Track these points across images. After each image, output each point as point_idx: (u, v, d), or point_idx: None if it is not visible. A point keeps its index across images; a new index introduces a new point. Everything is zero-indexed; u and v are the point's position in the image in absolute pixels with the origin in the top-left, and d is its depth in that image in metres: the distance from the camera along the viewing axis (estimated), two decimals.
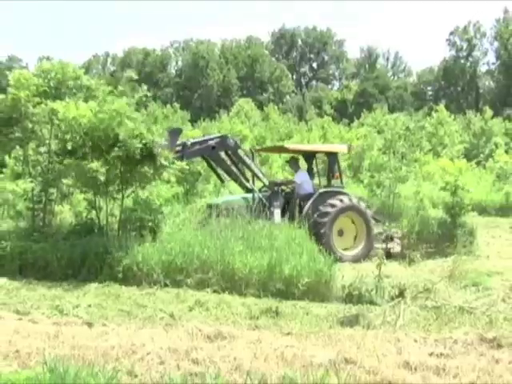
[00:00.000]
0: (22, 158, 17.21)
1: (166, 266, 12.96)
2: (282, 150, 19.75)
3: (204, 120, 73.58)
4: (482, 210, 24.31)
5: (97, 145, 14.32)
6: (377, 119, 56.64)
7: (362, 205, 16.83)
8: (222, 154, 16.68)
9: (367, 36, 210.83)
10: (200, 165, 17.84)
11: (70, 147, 14.63)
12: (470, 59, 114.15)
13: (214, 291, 12.12)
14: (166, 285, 12.63)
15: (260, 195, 16.34)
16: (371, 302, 11.06)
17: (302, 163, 18.68)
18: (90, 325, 9.41)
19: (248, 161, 16.74)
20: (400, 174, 25.51)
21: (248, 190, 16.79)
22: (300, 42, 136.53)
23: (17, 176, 18.29)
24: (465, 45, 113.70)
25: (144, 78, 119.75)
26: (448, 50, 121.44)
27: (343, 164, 43.86)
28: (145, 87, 16.12)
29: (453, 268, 12.97)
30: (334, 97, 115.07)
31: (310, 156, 18.43)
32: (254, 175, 16.99)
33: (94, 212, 15.50)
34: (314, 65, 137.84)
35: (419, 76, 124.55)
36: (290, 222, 15.34)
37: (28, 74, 16.59)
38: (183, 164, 14.88)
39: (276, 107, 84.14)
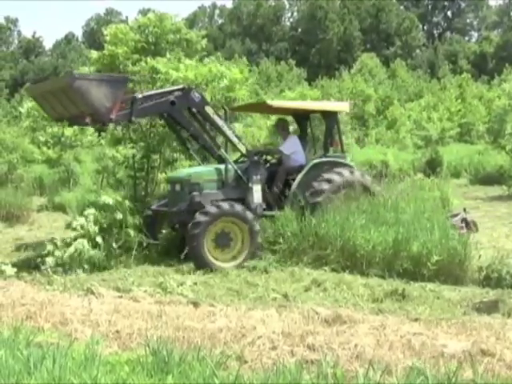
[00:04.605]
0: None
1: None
2: (263, 108, 17.86)
3: (322, 78, 73.38)
4: None
5: None
6: None
7: (367, 179, 15.13)
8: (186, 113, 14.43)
9: None
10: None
11: None
12: None
13: (333, 270, 12.16)
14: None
15: (235, 166, 14.24)
16: None
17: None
18: (195, 304, 9.57)
19: (219, 122, 14.28)
20: None
21: (221, 160, 14.63)
22: None
23: (117, 141, 18.45)
24: None
25: (255, 32, 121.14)
26: None
27: (482, 128, 43.05)
28: None
29: None
30: (472, 50, 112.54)
31: (303, 118, 16.26)
32: (228, 140, 14.68)
33: None
34: (449, 13, 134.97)
35: None
36: (277, 202, 14.29)
37: (125, 29, 16.77)
38: None
39: (404, 63, 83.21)
